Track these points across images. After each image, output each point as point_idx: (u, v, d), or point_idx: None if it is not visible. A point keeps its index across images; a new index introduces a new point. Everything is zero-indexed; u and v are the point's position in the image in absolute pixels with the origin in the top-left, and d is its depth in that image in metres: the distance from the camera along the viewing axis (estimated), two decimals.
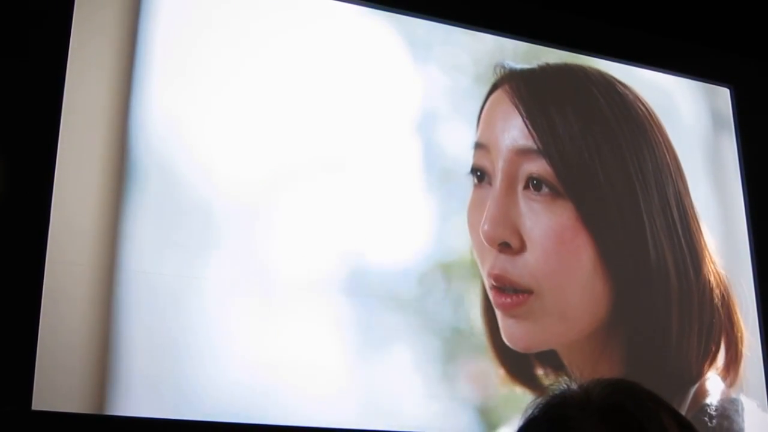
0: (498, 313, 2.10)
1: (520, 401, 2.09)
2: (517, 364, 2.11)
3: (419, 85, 2.26)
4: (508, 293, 2.08)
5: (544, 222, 2.11)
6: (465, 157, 2.22)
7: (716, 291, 2.33)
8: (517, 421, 0.83)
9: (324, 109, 2.14)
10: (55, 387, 1.76)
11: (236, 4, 2.13)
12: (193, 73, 2.04)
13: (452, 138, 2.24)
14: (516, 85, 2.25)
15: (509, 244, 2.08)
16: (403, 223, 2.15)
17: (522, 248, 2.09)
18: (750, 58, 2.76)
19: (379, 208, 2.14)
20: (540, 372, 2.14)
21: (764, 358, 2.43)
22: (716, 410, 2.20)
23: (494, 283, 2.08)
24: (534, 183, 2.12)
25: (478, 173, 2.17)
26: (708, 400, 2.21)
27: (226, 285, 1.94)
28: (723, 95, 2.67)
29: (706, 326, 2.29)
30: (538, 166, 2.13)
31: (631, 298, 2.24)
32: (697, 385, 2.21)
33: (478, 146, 2.19)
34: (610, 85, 2.41)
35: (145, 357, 1.84)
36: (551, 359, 2.15)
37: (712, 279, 2.33)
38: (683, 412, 2.10)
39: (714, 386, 2.23)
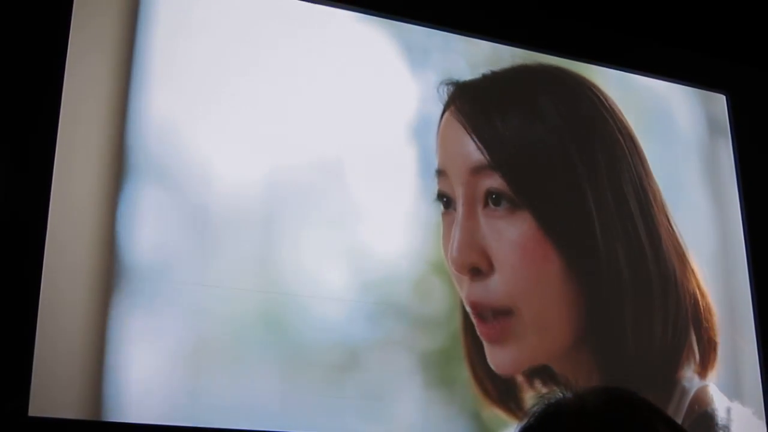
0: (484, 343, 2.10)
1: None
2: (505, 389, 2.10)
3: (416, 91, 2.26)
4: (489, 321, 2.08)
5: (507, 238, 2.11)
6: None
7: (681, 276, 2.32)
8: (513, 428, 0.84)
9: (321, 114, 2.15)
10: (52, 393, 1.76)
11: (233, 8, 2.14)
12: (190, 77, 2.04)
13: None
14: (461, 103, 2.25)
15: (479, 269, 2.10)
16: (400, 227, 2.15)
17: (491, 270, 2.10)
18: (746, 64, 2.76)
19: (376, 212, 2.14)
20: (529, 393, 2.12)
21: (760, 365, 2.43)
22: (712, 419, 2.20)
23: (473, 311, 2.09)
24: (493, 198, 2.14)
25: (444, 199, 2.18)
26: (704, 409, 2.20)
27: (223, 288, 1.94)
28: (719, 102, 2.67)
29: (673, 313, 2.28)
30: (493, 181, 2.14)
31: (599, 298, 2.23)
32: (691, 394, 2.20)
33: (439, 173, 2.20)
34: (555, 78, 2.41)
35: (142, 363, 1.84)
36: (540, 372, 2.15)
37: (676, 263, 2.32)
38: (679, 420, 2.10)
39: (710, 395, 2.23)
